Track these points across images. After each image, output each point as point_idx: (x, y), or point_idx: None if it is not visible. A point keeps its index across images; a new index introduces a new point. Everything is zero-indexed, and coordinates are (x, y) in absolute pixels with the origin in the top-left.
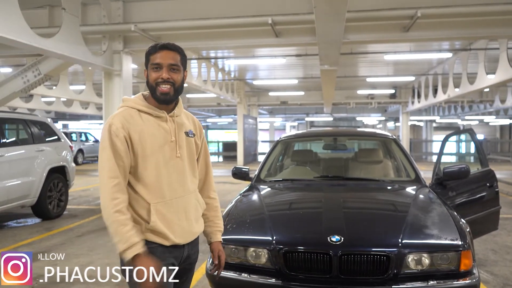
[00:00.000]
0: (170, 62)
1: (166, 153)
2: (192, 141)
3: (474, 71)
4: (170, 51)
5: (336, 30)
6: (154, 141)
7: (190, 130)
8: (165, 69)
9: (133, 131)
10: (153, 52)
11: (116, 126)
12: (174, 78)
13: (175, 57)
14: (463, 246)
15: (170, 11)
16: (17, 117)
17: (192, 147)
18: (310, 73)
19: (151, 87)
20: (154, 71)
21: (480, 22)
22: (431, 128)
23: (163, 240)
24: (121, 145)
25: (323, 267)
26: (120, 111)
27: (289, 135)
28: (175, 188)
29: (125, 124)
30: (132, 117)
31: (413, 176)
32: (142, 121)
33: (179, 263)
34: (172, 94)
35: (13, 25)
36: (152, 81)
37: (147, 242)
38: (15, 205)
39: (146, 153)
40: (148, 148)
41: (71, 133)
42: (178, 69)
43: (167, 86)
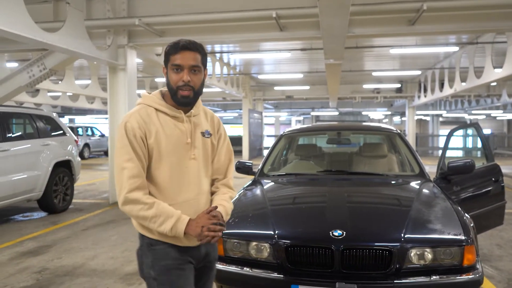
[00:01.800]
0: (191, 64)
1: (181, 155)
2: (208, 141)
3: (481, 65)
4: (191, 52)
5: (340, 23)
6: (169, 142)
7: (206, 130)
8: (186, 71)
9: (149, 131)
10: (173, 52)
11: (132, 125)
12: (194, 81)
13: (196, 58)
14: (466, 241)
15: (174, 5)
16: (23, 111)
17: (207, 148)
18: (316, 67)
19: (171, 90)
20: (175, 72)
21: (487, 15)
22: (437, 122)
23: (176, 241)
24: (138, 145)
25: (325, 262)
26: (137, 109)
27: (292, 130)
28: (188, 190)
29: (142, 124)
30: (149, 116)
31: (417, 171)
32: (158, 121)
33: (198, 262)
34: (192, 97)
35: (17, 20)
36: (173, 83)
37: (160, 242)
38: (21, 199)
39: (161, 154)
40: (163, 149)
41: (77, 127)
42: (199, 70)
43: (187, 89)
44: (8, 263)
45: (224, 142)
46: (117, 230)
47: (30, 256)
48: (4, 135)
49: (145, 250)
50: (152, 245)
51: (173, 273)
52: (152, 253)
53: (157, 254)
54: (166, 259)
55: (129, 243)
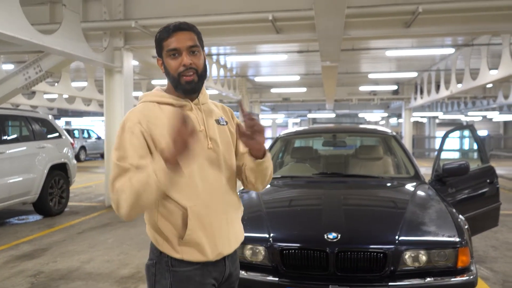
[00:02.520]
0: (189, 44)
1: (196, 146)
2: (226, 129)
3: (476, 67)
4: (186, 32)
5: (336, 26)
6: None
7: (221, 117)
8: (185, 53)
9: (153, 125)
10: (166, 36)
11: (131, 121)
12: (196, 62)
13: (192, 37)
14: (460, 243)
15: (171, 8)
16: (19, 114)
17: (226, 136)
18: (312, 70)
19: (173, 79)
20: (172, 58)
21: (482, 17)
22: (434, 124)
23: (201, 255)
24: (138, 141)
25: (320, 265)
26: (137, 106)
27: (288, 132)
28: (211, 186)
29: (142, 119)
30: (151, 110)
31: (413, 173)
32: (163, 113)
33: (220, 283)
34: (197, 81)
35: (13, 22)
36: (173, 71)
37: (186, 263)
38: (17, 202)
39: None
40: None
41: (74, 130)
42: (198, 51)
43: (191, 73)
44: (3, 266)
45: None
46: (113, 233)
47: (25, 259)
48: None
49: (163, 269)
50: (173, 266)
51: None
52: (173, 274)
53: (178, 277)
54: (189, 283)
55: (125, 246)
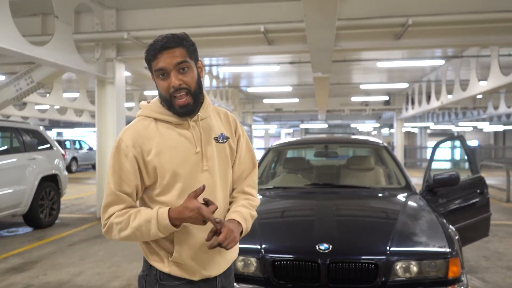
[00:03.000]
0: (176, 61)
1: (191, 167)
2: (225, 147)
3: (466, 78)
4: (172, 50)
5: (327, 38)
6: (175, 154)
7: (221, 134)
8: (173, 73)
9: (147, 146)
10: (153, 57)
11: (126, 143)
12: (186, 81)
13: (180, 53)
14: (451, 254)
15: (163, 19)
16: (9, 125)
17: (224, 155)
18: (304, 80)
19: (165, 100)
20: (161, 79)
21: (471, 29)
22: (425, 134)
23: (190, 275)
24: (130, 166)
25: (312, 276)
26: (134, 122)
27: (280, 143)
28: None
29: (137, 140)
30: (147, 129)
31: (404, 184)
32: (158, 132)
33: None
34: (192, 103)
35: (4, 33)
36: (165, 92)
37: (174, 278)
38: (6, 214)
39: (166, 169)
40: (167, 164)
41: (65, 141)
42: (189, 66)
43: (182, 94)
44: None
45: (244, 143)
46: (104, 245)
47: (15, 272)
48: None
49: (152, 282)
50: (161, 279)
51: None
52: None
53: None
54: None
55: (116, 258)
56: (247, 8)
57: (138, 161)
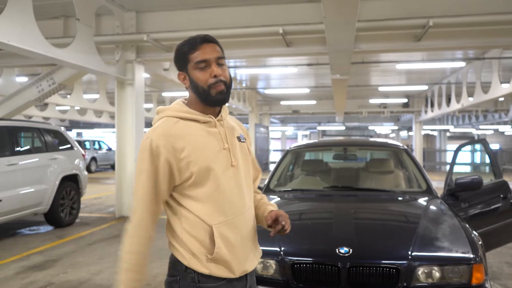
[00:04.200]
0: (216, 55)
1: (222, 163)
2: (245, 146)
3: (488, 80)
4: (212, 44)
5: (346, 39)
6: (207, 150)
7: (241, 134)
8: (214, 65)
9: (179, 145)
10: (193, 49)
11: (156, 143)
12: (224, 74)
13: (218, 49)
14: (474, 259)
15: (182, 21)
16: (31, 125)
17: (246, 153)
18: (322, 82)
19: (203, 91)
20: (201, 70)
21: (493, 31)
22: (445, 137)
23: (228, 272)
24: (164, 166)
25: (332, 279)
26: (160, 123)
27: (299, 145)
28: (235, 204)
29: (168, 141)
30: (175, 128)
31: (425, 187)
32: (188, 130)
33: None
34: (226, 91)
35: (28, 36)
36: (203, 83)
37: (210, 279)
38: (28, 213)
39: (199, 165)
40: (200, 160)
41: (85, 141)
42: (224, 63)
43: (221, 83)
44: (14, 277)
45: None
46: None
47: (36, 270)
48: (12, 149)
49: (188, 286)
50: (200, 282)
51: None
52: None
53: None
54: None
55: None
56: (266, 10)
57: (170, 162)
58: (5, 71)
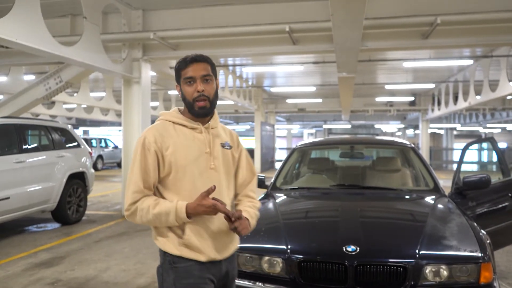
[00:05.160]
0: (203, 73)
1: (201, 165)
2: (229, 153)
3: (496, 78)
4: (200, 63)
5: (353, 37)
6: (188, 152)
7: (226, 142)
8: (199, 81)
9: (166, 144)
10: (184, 66)
11: (148, 140)
12: (207, 90)
13: (206, 68)
14: (483, 258)
15: (188, 20)
16: (39, 123)
17: (228, 159)
18: (328, 80)
19: (188, 104)
20: (188, 85)
21: (501, 28)
22: (451, 136)
23: (198, 255)
24: (152, 159)
25: (339, 278)
26: (155, 124)
27: (305, 143)
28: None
29: (158, 138)
30: (167, 129)
31: (432, 186)
32: (176, 133)
33: (217, 280)
34: (208, 107)
35: (36, 34)
36: (189, 97)
37: (184, 259)
38: (36, 210)
39: (180, 164)
40: (182, 160)
41: (91, 139)
42: (211, 79)
43: (203, 99)
44: (22, 274)
45: (244, 157)
46: (130, 242)
47: (44, 267)
48: (20, 146)
49: (166, 268)
50: (174, 263)
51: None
52: (174, 271)
53: (179, 272)
54: (189, 277)
55: (141, 256)
56: (272, 8)
57: (157, 155)
58: (13, 69)
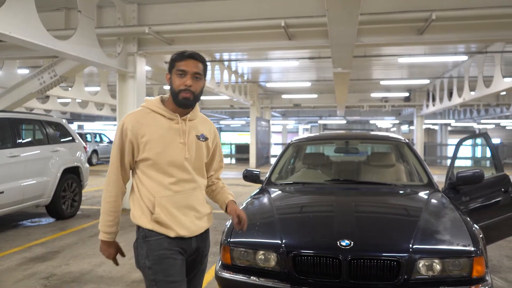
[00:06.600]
0: (195, 71)
1: (174, 153)
2: (203, 145)
3: (490, 74)
4: (195, 61)
5: (348, 33)
6: (163, 141)
7: (202, 134)
8: (189, 76)
9: (142, 131)
10: (180, 59)
11: (126, 126)
12: (195, 86)
13: (198, 66)
14: (475, 252)
15: (184, 14)
16: (33, 117)
17: (201, 150)
18: (323, 76)
19: (173, 92)
20: (179, 77)
21: (496, 24)
22: (446, 131)
23: (167, 231)
24: (128, 144)
25: (333, 272)
26: (136, 110)
27: (300, 138)
28: (182, 185)
29: (135, 125)
30: (145, 117)
31: (426, 181)
32: (154, 121)
33: (188, 255)
34: (191, 100)
35: (30, 28)
36: (176, 87)
37: (155, 233)
38: (30, 205)
39: (154, 152)
40: (156, 147)
41: (86, 134)
42: (201, 78)
43: (188, 92)
44: (16, 268)
45: (219, 150)
46: (124, 237)
47: (38, 261)
48: (14, 141)
49: (140, 242)
50: (146, 237)
51: (166, 262)
52: (147, 244)
53: (151, 245)
54: (160, 249)
55: None
56: (268, 3)
57: (132, 142)
58: (7, 63)
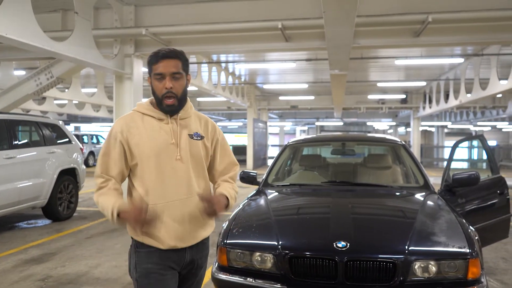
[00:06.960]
0: (172, 71)
1: (166, 155)
2: (198, 143)
3: (486, 77)
4: (171, 60)
5: (345, 34)
6: (154, 143)
7: (196, 132)
8: (168, 78)
9: (132, 134)
10: (155, 62)
11: (115, 130)
12: (176, 87)
13: (176, 65)
14: (471, 254)
15: (181, 16)
16: (29, 119)
17: (197, 150)
18: (320, 78)
19: (157, 99)
20: (158, 81)
21: (492, 27)
22: (442, 133)
23: (158, 243)
24: (118, 148)
25: (329, 273)
26: (126, 115)
27: (297, 140)
28: (177, 191)
29: (124, 129)
30: (134, 120)
31: (422, 183)
32: (143, 124)
33: (181, 267)
34: (176, 105)
35: (27, 29)
36: (158, 92)
37: (144, 245)
38: (26, 206)
39: (145, 155)
40: (147, 150)
41: (83, 135)
42: (181, 77)
43: (171, 96)
44: (12, 270)
45: (222, 146)
46: (121, 238)
47: (34, 263)
48: (10, 142)
49: (132, 251)
50: (137, 247)
51: (152, 277)
52: (137, 255)
53: (140, 257)
54: (148, 262)
55: None
56: (265, 5)
57: (123, 145)
58: (3, 64)
